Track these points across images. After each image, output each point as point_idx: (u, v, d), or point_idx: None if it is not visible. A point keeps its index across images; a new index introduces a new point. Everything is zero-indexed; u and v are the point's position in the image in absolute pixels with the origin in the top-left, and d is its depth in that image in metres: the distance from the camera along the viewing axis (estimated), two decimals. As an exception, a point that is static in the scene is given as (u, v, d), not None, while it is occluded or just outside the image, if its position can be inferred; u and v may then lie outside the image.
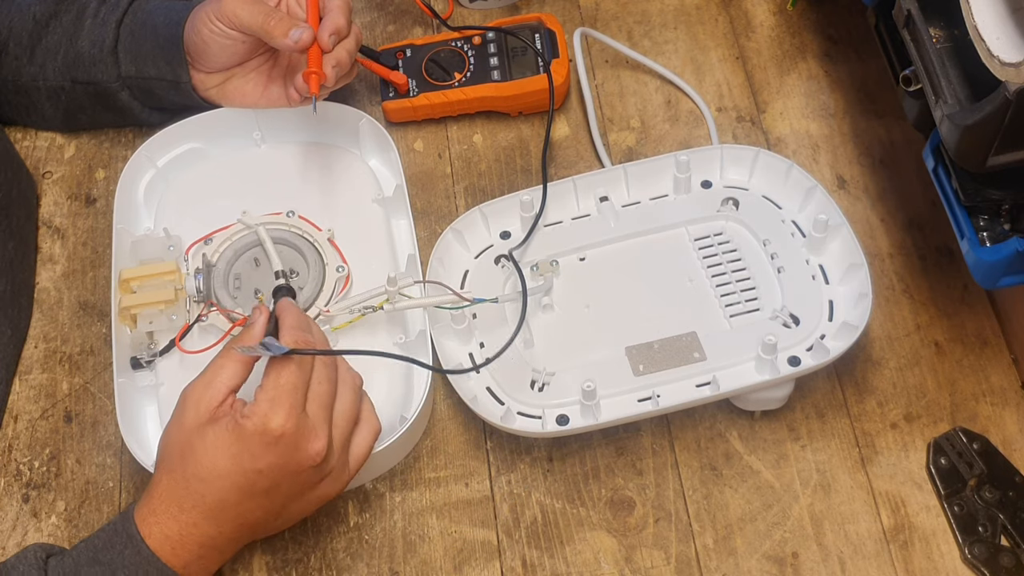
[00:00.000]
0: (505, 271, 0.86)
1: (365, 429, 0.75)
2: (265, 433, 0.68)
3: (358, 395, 0.75)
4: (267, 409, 0.68)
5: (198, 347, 0.82)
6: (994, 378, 0.83)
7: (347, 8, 0.86)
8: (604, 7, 1.03)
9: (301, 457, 0.69)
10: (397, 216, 0.89)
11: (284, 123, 0.94)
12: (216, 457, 0.69)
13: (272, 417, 0.68)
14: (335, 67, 0.85)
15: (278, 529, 0.75)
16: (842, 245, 0.83)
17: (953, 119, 0.68)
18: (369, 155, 0.94)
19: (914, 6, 0.72)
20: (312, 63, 0.84)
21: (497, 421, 0.78)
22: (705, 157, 0.89)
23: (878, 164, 0.93)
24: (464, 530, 0.80)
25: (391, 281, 0.80)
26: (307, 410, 0.70)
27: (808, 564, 0.77)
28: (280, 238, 0.87)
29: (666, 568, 0.77)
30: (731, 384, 0.78)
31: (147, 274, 0.84)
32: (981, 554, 0.76)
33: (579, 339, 0.83)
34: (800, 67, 0.99)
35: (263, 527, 0.73)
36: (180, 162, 0.93)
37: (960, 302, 0.86)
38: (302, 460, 0.70)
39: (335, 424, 0.72)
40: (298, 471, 0.70)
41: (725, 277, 0.84)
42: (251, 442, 0.68)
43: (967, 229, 0.72)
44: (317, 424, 0.70)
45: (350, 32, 0.87)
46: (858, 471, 0.80)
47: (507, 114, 0.97)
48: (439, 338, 0.82)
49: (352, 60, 0.88)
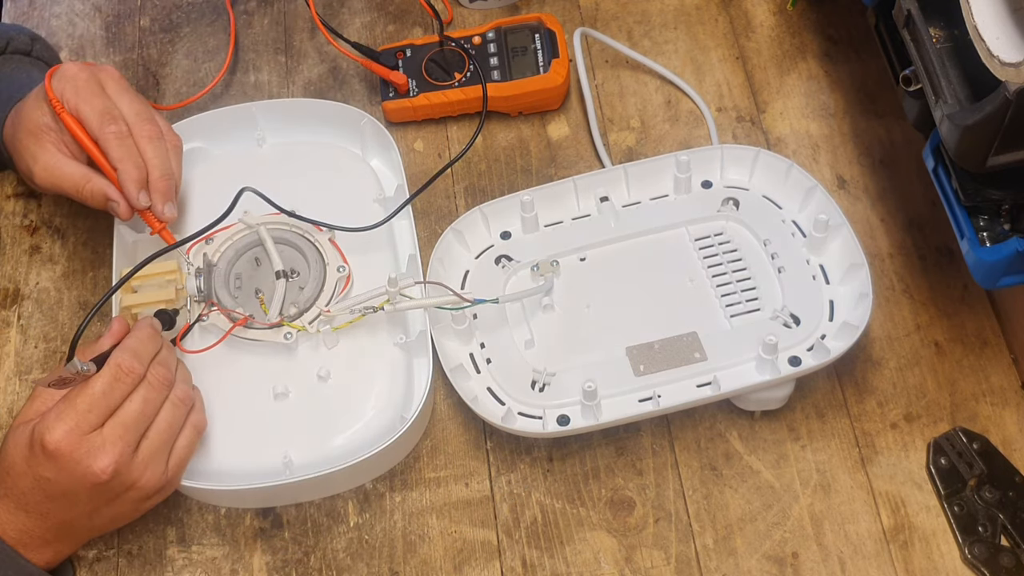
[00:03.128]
0: (506, 271, 0.86)
1: (188, 431, 0.77)
2: (43, 446, 0.71)
3: (183, 410, 0.77)
4: (51, 423, 0.71)
5: (199, 347, 0.82)
6: (994, 378, 0.83)
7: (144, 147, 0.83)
8: (604, 7, 1.03)
9: (83, 472, 0.71)
10: (398, 216, 0.89)
11: (286, 123, 0.94)
12: (15, 456, 0.73)
13: (51, 432, 0.71)
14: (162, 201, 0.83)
15: (103, 530, 0.78)
16: (842, 245, 0.83)
17: (953, 119, 0.68)
18: (371, 155, 0.94)
19: (914, 6, 0.72)
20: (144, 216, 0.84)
21: (498, 421, 0.78)
22: (705, 157, 0.89)
23: (878, 164, 0.93)
24: (464, 530, 0.80)
25: (392, 282, 0.80)
26: (103, 428, 0.72)
27: (808, 564, 0.77)
28: (281, 238, 0.87)
29: (666, 568, 0.77)
30: (732, 384, 0.78)
31: (148, 273, 0.84)
32: (981, 554, 0.76)
33: (580, 339, 0.83)
34: (800, 67, 0.99)
35: (81, 527, 0.76)
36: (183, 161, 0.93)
37: (960, 302, 0.86)
38: (85, 476, 0.71)
39: (147, 438, 0.74)
40: (87, 485, 0.72)
41: (726, 277, 0.84)
42: (35, 450, 0.72)
43: (967, 229, 0.72)
44: (108, 443, 0.72)
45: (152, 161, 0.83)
46: (858, 471, 0.80)
47: (507, 114, 0.97)
48: (440, 338, 0.82)
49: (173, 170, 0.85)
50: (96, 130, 0.82)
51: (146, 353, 0.75)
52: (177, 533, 0.81)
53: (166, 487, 0.76)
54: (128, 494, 0.74)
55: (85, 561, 0.80)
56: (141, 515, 0.78)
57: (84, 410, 0.72)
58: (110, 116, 0.82)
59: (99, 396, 0.72)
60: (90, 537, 0.79)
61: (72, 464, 0.71)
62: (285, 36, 1.05)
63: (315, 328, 0.82)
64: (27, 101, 0.85)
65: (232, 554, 0.80)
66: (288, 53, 1.03)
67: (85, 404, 0.72)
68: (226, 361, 0.83)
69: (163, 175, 0.83)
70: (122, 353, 0.74)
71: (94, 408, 0.72)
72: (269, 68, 1.03)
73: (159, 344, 0.77)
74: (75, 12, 1.08)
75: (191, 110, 0.97)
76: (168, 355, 0.77)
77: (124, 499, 0.75)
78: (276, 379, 0.82)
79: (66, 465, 0.71)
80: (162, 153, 0.83)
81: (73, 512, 0.74)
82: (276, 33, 1.05)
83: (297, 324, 0.82)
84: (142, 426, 0.74)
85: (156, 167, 0.83)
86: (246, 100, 1.00)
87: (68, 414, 0.71)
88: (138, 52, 1.05)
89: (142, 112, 0.84)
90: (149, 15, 1.07)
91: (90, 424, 0.72)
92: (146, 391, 0.74)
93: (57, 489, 0.72)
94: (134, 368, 0.74)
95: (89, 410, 0.72)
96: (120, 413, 0.73)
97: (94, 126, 0.82)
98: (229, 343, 0.82)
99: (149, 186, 0.83)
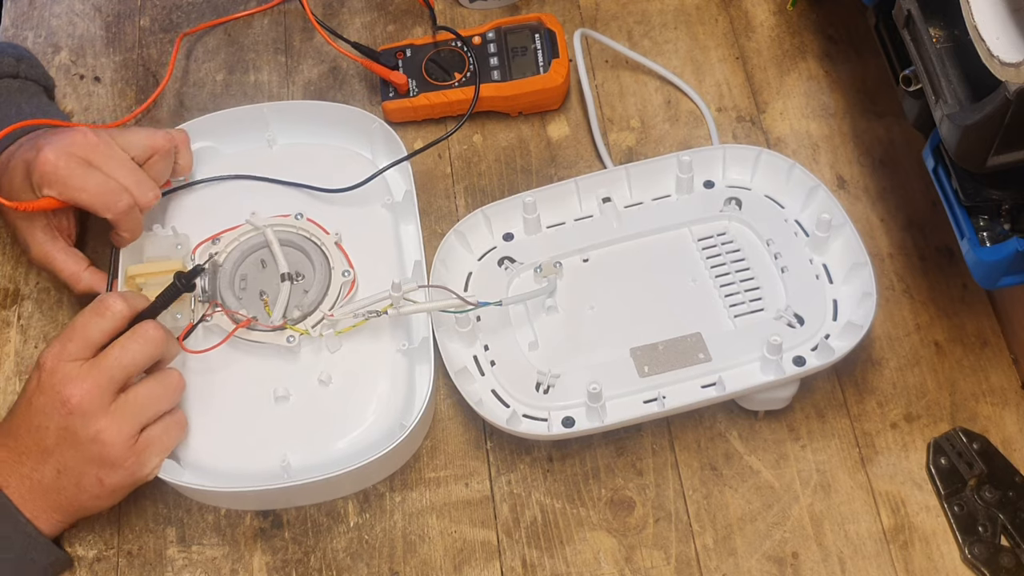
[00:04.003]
0: (509, 273, 0.86)
1: (168, 419, 0.78)
2: (38, 362, 0.75)
3: (169, 393, 0.78)
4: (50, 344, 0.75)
5: (202, 347, 0.82)
6: (994, 378, 0.83)
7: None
8: (604, 7, 1.03)
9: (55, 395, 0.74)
10: (405, 221, 0.89)
11: (296, 124, 0.94)
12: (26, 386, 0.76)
13: (45, 351, 0.75)
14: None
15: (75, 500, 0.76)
16: (845, 244, 0.83)
17: (953, 119, 0.68)
18: (380, 159, 0.93)
19: (914, 6, 0.72)
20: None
21: (503, 424, 0.78)
22: (707, 157, 0.89)
23: (878, 164, 0.93)
24: (464, 530, 0.80)
25: (395, 286, 0.80)
26: (84, 362, 0.74)
27: (808, 564, 0.77)
28: (287, 240, 0.87)
29: (666, 568, 0.77)
30: (736, 385, 0.78)
31: (153, 271, 0.84)
32: (981, 554, 0.76)
33: (584, 341, 0.83)
34: (800, 67, 0.99)
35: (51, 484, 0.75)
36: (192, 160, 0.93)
37: (960, 302, 0.86)
38: (56, 400, 0.74)
39: (124, 396, 0.75)
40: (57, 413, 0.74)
41: (729, 277, 0.84)
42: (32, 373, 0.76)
43: (967, 229, 0.72)
44: (82, 375, 0.74)
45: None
46: (858, 471, 0.80)
47: (507, 114, 0.97)
48: (444, 340, 0.82)
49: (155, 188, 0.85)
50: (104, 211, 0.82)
51: (136, 300, 0.77)
52: (177, 533, 0.81)
53: (132, 467, 0.75)
54: (90, 447, 0.74)
55: (85, 561, 0.80)
56: (111, 500, 0.77)
57: (66, 337, 0.75)
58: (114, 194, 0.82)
59: (78, 326, 0.75)
60: (67, 509, 0.77)
61: (50, 381, 0.74)
62: (285, 36, 1.05)
63: (318, 332, 0.82)
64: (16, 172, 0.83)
65: (232, 554, 0.80)
66: (288, 53, 1.03)
67: (78, 324, 0.75)
68: (228, 362, 0.82)
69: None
70: (111, 293, 0.78)
71: (74, 337, 0.75)
72: (269, 68, 1.03)
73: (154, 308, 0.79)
74: (75, 12, 1.08)
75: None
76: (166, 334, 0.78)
77: (86, 453, 0.74)
78: (277, 382, 0.82)
79: (46, 381, 0.74)
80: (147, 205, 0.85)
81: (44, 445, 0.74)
82: (276, 33, 1.05)
83: (300, 327, 0.82)
84: (117, 371, 0.74)
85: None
86: (246, 100, 1.00)
87: (58, 337, 0.75)
88: (138, 52, 1.05)
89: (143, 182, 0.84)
90: (149, 15, 1.07)
91: (70, 353, 0.74)
92: (127, 340, 0.76)
93: (38, 413, 0.74)
94: (114, 304, 0.76)
95: (70, 338, 0.75)
96: (101, 354, 0.75)
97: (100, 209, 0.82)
98: (232, 344, 0.82)
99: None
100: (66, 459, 0.75)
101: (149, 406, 0.76)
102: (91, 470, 0.75)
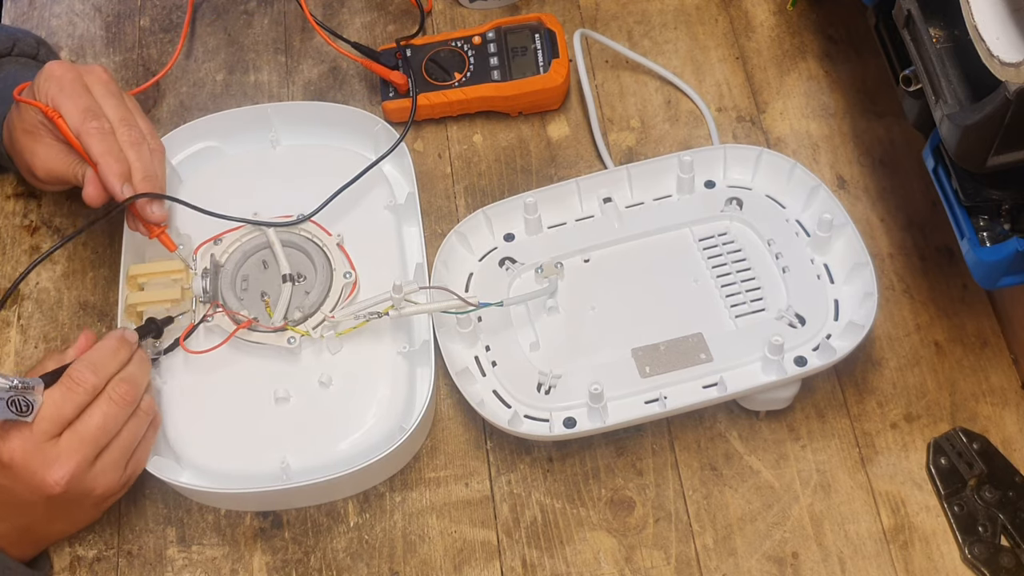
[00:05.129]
0: (510, 273, 0.86)
1: (149, 434, 0.77)
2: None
3: (147, 420, 0.77)
4: (6, 433, 0.71)
5: (202, 347, 0.82)
6: (994, 378, 0.83)
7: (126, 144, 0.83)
8: (604, 7, 1.03)
9: (37, 483, 0.71)
10: (408, 223, 0.89)
11: (300, 126, 0.94)
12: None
13: (6, 442, 0.71)
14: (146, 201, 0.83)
15: (65, 533, 0.79)
16: (846, 244, 0.83)
17: (953, 119, 0.68)
18: (383, 161, 0.93)
19: (914, 6, 0.72)
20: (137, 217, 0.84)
21: (505, 425, 0.78)
22: (708, 157, 0.89)
23: (878, 164, 0.93)
24: (464, 530, 0.80)
25: (397, 288, 0.80)
26: (59, 440, 0.72)
27: (808, 564, 0.77)
28: (289, 241, 0.87)
29: (666, 568, 0.77)
30: (738, 385, 0.78)
31: (155, 271, 0.84)
32: (981, 554, 0.76)
33: (585, 341, 0.83)
34: (800, 67, 0.99)
35: (40, 533, 0.77)
36: (195, 160, 0.93)
37: (960, 302, 0.87)
38: (39, 487, 0.72)
39: (109, 451, 0.74)
40: (42, 496, 0.72)
41: (730, 277, 0.84)
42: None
43: (967, 229, 0.72)
44: (63, 455, 0.72)
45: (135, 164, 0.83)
46: (858, 471, 0.80)
47: (507, 114, 0.97)
48: (445, 341, 0.82)
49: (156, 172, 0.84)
50: (77, 126, 0.81)
51: (106, 366, 0.75)
52: (177, 533, 0.81)
53: (124, 488, 0.77)
54: (85, 501, 0.75)
55: (85, 561, 0.80)
56: (103, 513, 0.79)
57: (37, 421, 0.72)
58: (92, 113, 0.82)
59: (50, 407, 0.72)
60: (53, 541, 0.80)
61: (27, 474, 0.71)
62: (285, 36, 1.05)
63: (319, 333, 0.82)
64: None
65: (232, 554, 0.80)
66: (288, 53, 1.03)
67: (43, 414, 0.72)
68: (229, 362, 0.82)
69: (145, 177, 0.82)
70: (78, 364, 0.74)
71: (47, 418, 0.72)
72: (269, 68, 1.03)
73: (124, 357, 0.76)
74: (75, 12, 1.08)
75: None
76: (136, 370, 0.76)
77: (81, 505, 0.75)
78: (278, 383, 0.81)
79: (20, 475, 0.71)
80: (144, 156, 0.83)
81: (30, 518, 0.74)
82: (276, 33, 1.05)
83: (301, 329, 0.82)
84: (102, 441, 0.73)
85: (139, 169, 0.82)
86: (246, 100, 1.00)
87: (23, 425, 0.71)
88: (138, 52, 1.05)
89: (126, 117, 0.83)
90: (149, 15, 1.07)
91: (44, 434, 0.71)
92: (107, 406, 0.73)
93: (12, 497, 0.72)
94: (87, 379, 0.73)
95: (43, 420, 0.72)
96: (78, 426, 0.73)
97: (76, 122, 0.81)
98: (232, 345, 0.82)
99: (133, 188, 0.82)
100: (59, 519, 0.76)
101: (132, 444, 0.76)
102: (87, 512, 0.77)
